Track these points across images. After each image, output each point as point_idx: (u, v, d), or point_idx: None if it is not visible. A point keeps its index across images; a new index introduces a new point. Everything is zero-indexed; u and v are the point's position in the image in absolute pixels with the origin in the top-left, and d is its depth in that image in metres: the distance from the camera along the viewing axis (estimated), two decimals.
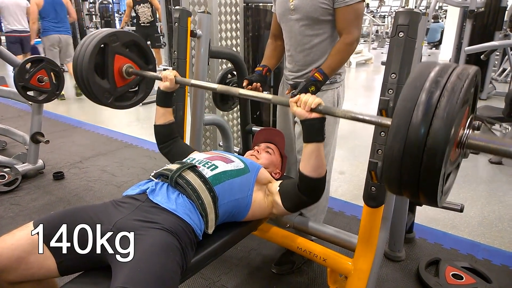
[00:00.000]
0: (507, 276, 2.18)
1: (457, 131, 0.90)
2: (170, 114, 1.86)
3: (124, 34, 1.97)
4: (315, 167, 1.46)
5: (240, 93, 1.58)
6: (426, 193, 0.94)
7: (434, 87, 0.88)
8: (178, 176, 1.46)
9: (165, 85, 1.78)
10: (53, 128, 5.01)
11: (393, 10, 17.31)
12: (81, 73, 1.86)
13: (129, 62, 1.99)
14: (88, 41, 1.87)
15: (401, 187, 0.96)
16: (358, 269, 1.69)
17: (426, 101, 0.87)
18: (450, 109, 0.84)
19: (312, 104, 1.35)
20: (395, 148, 0.91)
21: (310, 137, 1.43)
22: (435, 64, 0.96)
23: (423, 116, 0.86)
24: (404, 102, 0.91)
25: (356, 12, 1.80)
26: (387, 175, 0.97)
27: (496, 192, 3.24)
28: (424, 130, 0.86)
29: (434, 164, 0.87)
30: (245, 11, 3.12)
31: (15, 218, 2.75)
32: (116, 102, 2.04)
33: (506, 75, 7.93)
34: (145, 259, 1.17)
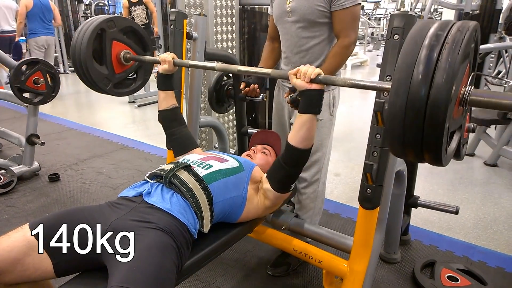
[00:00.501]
0: (502, 278, 2.19)
1: (459, 87, 0.88)
2: (172, 98, 1.87)
3: (121, 20, 1.96)
4: (305, 138, 1.48)
5: (239, 69, 1.60)
6: (430, 150, 0.92)
7: (435, 41, 0.87)
8: (172, 176, 1.46)
9: (164, 67, 1.79)
10: (49, 130, 5.00)
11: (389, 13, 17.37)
12: (79, 59, 1.85)
13: (126, 48, 1.99)
14: (85, 27, 1.85)
15: (405, 146, 0.94)
16: (353, 271, 1.69)
17: (427, 54, 0.86)
18: (452, 61, 0.83)
19: (312, 74, 1.36)
20: (397, 104, 0.89)
21: (307, 108, 1.44)
22: (434, 21, 0.95)
23: (425, 70, 0.85)
24: (405, 57, 0.90)
25: (353, 15, 1.81)
26: (390, 134, 0.95)
27: (491, 194, 3.25)
28: (426, 84, 0.85)
29: (438, 118, 0.85)
30: (240, 14, 3.13)
31: (11, 220, 2.74)
32: (115, 89, 2.03)
33: (501, 77, 7.96)
34: (142, 258, 1.17)
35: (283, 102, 2.13)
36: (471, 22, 0.91)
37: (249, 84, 1.98)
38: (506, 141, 3.72)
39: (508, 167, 3.81)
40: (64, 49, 9.35)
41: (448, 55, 0.84)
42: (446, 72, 0.83)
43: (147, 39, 2.09)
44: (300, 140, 1.48)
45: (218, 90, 2.59)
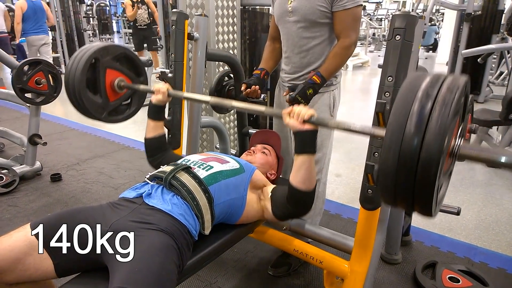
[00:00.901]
0: (504, 279, 2.19)
1: (449, 142, 0.91)
2: (161, 127, 1.84)
3: (114, 47, 1.94)
4: (304, 178, 1.45)
5: (233, 105, 1.58)
6: (421, 205, 0.94)
7: (425, 99, 0.89)
8: (172, 178, 1.46)
9: (158, 98, 1.77)
10: (51, 130, 5.01)
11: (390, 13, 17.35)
12: (73, 89, 1.85)
13: (120, 75, 1.97)
14: (78, 56, 1.85)
15: (396, 199, 0.97)
16: (354, 272, 1.69)
17: (418, 113, 0.88)
18: (443, 122, 0.85)
19: (305, 115, 1.35)
20: (390, 160, 0.91)
21: (302, 149, 1.42)
22: (425, 75, 0.97)
23: (416, 129, 0.87)
24: (396, 114, 0.92)
25: (354, 16, 1.81)
26: (382, 186, 0.97)
27: (493, 195, 3.24)
28: (418, 143, 0.87)
29: (429, 177, 0.87)
30: (242, 14, 3.13)
31: (13, 220, 2.75)
32: (110, 117, 2.02)
33: (503, 78, 7.95)
34: (143, 259, 1.17)
35: (284, 102, 2.13)
36: (461, 78, 0.93)
37: (250, 86, 1.98)
38: (508, 142, 3.71)
39: None
40: (66, 49, 9.35)
41: (438, 115, 0.86)
42: (437, 133, 0.85)
43: (140, 64, 2.09)
44: (300, 180, 1.46)
45: (219, 90, 2.59)
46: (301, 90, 1.78)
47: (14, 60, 3.18)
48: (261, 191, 1.69)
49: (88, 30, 10.33)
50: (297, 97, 1.77)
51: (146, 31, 7.68)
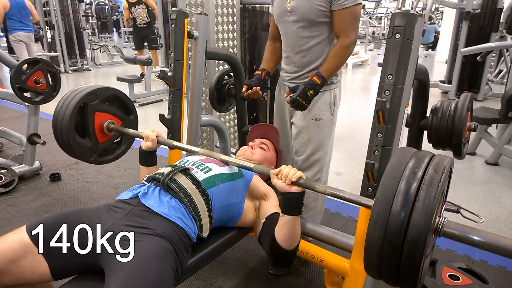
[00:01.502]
0: (503, 276, 2.19)
1: (434, 221, 0.92)
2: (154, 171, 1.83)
3: (103, 90, 1.94)
4: (287, 237, 1.44)
5: (222, 159, 1.59)
6: (406, 282, 0.95)
7: (412, 179, 0.91)
8: (169, 180, 1.45)
9: (147, 145, 1.77)
10: (50, 130, 4.93)
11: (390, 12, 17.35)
12: (61, 134, 1.85)
13: (110, 117, 1.98)
14: (67, 101, 1.85)
15: (381, 274, 0.98)
16: (355, 270, 1.69)
17: (405, 192, 0.90)
18: (429, 203, 0.87)
19: (293, 177, 1.33)
20: (375, 236, 0.92)
21: (288, 210, 1.40)
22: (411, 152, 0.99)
23: (403, 207, 0.89)
24: (384, 191, 0.94)
25: (353, 15, 1.81)
26: (367, 260, 0.98)
27: (493, 193, 3.25)
28: (404, 221, 0.88)
29: (415, 257, 0.88)
30: (241, 13, 3.13)
31: (12, 220, 2.74)
32: (99, 158, 2.03)
33: (502, 76, 7.96)
34: (139, 265, 1.17)
35: (284, 101, 2.13)
36: (447, 159, 0.96)
37: (251, 87, 1.98)
38: (507, 140, 3.72)
39: (509, 166, 3.81)
40: (65, 48, 9.33)
41: (425, 196, 0.88)
42: (424, 213, 0.87)
43: (130, 103, 2.08)
44: (283, 238, 1.44)
45: (219, 89, 2.59)
46: (302, 91, 1.78)
47: (12, 59, 3.18)
48: (259, 204, 1.67)
49: (87, 29, 10.32)
50: (298, 98, 1.77)
51: (145, 30, 7.68)
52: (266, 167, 1.86)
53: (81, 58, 9.79)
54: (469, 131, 2.06)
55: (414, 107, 2.14)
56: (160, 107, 6.33)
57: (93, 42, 10.77)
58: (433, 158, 0.96)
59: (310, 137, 2.03)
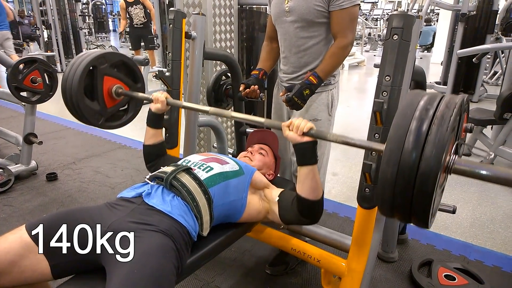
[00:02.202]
0: (499, 277, 2.21)
1: (446, 158, 0.93)
2: (160, 135, 1.85)
3: (112, 55, 1.95)
4: (312, 189, 1.47)
5: (233, 115, 1.59)
6: (419, 217, 0.98)
7: (424, 115, 0.92)
8: (173, 179, 1.46)
9: (157, 107, 1.77)
10: (46, 129, 4.99)
11: (386, 13, 17.41)
12: (70, 96, 1.84)
13: (118, 82, 1.98)
14: (76, 63, 1.84)
15: (394, 210, 1.00)
16: (351, 270, 1.70)
17: (417, 128, 0.91)
18: (441, 136, 0.88)
19: (304, 128, 1.36)
20: (389, 172, 0.94)
21: (304, 161, 1.43)
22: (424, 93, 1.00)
23: (415, 143, 0.90)
24: (396, 129, 0.95)
25: (351, 16, 1.81)
26: (380, 198, 1.00)
27: (488, 193, 3.27)
28: (416, 156, 0.90)
29: (427, 189, 0.90)
30: (239, 13, 3.13)
31: (8, 219, 2.74)
32: (107, 123, 2.02)
33: (497, 78, 8.00)
34: (141, 261, 1.17)
35: (282, 102, 2.14)
36: (459, 96, 0.97)
37: (249, 86, 1.98)
38: (503, 141, 3.74)
39: (504, 167, 3.82)
40: (62, 48, 9.31)
41: (437, 130, 0.89)
42: (436, 147, 0.88)
43: (137, 71, 2.08)
44: (308, 191, 1.47)
45: (217, 89, 2.59)
46: (298, 90, 1.78)
47: (9, 59, 3.17)
48: (263, 193, 1.69)
49: (84, 28, 10.29)
50: (294, 97, 1.77)
51: (142, 30, 7.67)
52: (265, 172, 1.87)
53: None
54: (465, 132, 2.08)
55: None
56: None
57: (90, 42, 10.75)
58: (444, 97, 0.98)
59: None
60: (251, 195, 1.64)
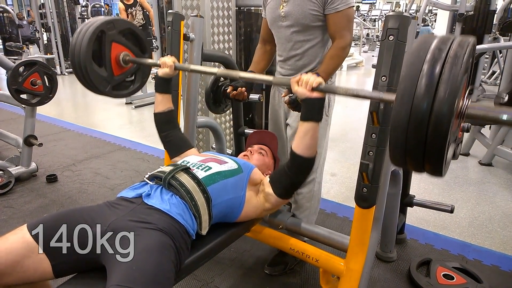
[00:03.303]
0: (497, 276, 2.21)
1: (459, 101, 0.90)
2: (169, 101, 1.86)
3: (120, 22, 1.94)
4: (309, 146, 1.50)
5: (241, 76, 1.60)
6: (432, 161, 0.93)
7: (437, 54, 0.89)
8: (171, 178, 1.47)
9: (164, 71, 1.78)
10: (46, 131, 5.00)
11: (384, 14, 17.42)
12: (78, 61, 1.83)
13: (125, 50, 1.97)
14: (85, 28, 1.83)
15: (406, 155, 0.95)
16: (350, 270, 1.71)
17: (431, 67, 0.87)
18: (455, 76, 0.85)
19: (314, 83, 1.38)
20: (402, 113, 0.90)
21: (310, 116, 1.46)
22: (435, 35, 0.97)
23: (429, 83, 0.86)
24: (409, 68, 0.91)
25: (347, 17, 1.83)
26: (393, 142, 0.96)
27: (486, 193, 3.28)
28: (430, 97, 0.86)
29: (441, 131, 0.86)
30: (237, 15, 3.15)
31: (8, 221, 2.75)
32: (114, 91, 2.01)
33: (496, 77, 8.01)
34: (141, 258, 1.18)
35: (279, 103, 2.15)
36: (471, 37, 0.93)
37: (236, 88, 2.00)
38: (501, 140, 3.76)
39: (502, 167, 3.85)
40: (61, 50, 9.32)
41: (451, 69, 0.86)
42: (450, 87, 0.85)
43: (145, 41, 2.09)
44: (305, 148, 1.50)
45: (215, 90, 2.59)
46: None
47: (9, 61, 3.18)
48: (260, 185, 1.71)
49: None
50: (297, 99, 1.78)
51: None
52: (263, 172, 1.88)
53: None
54: (462, 131, 2.09)
55: None
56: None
57: None
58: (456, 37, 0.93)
59: None
60: (249, 192, 1.66)
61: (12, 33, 10.93)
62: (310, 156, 1.52)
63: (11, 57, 7.89)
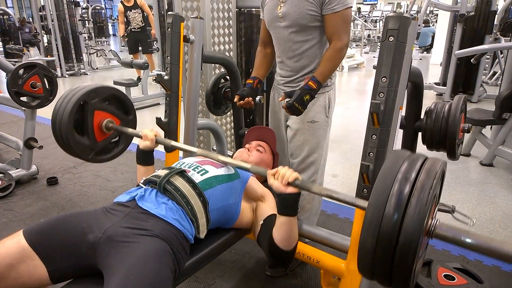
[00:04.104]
0: (498, 276, 2.21)
1: (427, 223, 0.92)
2: (152, 171, 1.82)
3: (103, 89, 1.95)
4: (285, 238, 1.45)
5: (219, 159, 1.58)
6: (399, 284, 0.96)
7: (403, 184, 0.91)
8: (166, 182, 1.46)
9: (145, 144, 1.78)
10: (47, 134, 4.98)
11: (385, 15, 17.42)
12: (60, 131, 1.85)
13: (109, 116, 1.98)
14: (67, 98, 1.85)
15: (374, 276, 0.99)
16: (351, 271, 1.70)
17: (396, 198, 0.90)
18: (421, 208, 0.87)
19: (290, 178, 1.34)
20: (368, 240, 0.93)
21: (284, 211, 1.43)
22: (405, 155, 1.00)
23: (394, 213, 0.89)
24: (376, 196, 0.94)
25: (345, 18, 1.82)
26: (360, 263, 0.99)
27: (487, 193, 3.27)
28: (396, 226, 0.89)
29: (407, 260, 0.89)
30: (237, 16, 3.15)
31: (9, 224, 2.75)
32: (97, 157, 2.02)
33: (497, 78, 8.01)
34: (138, 266, 1.17)
35: (279, 105, 2.15)
36: (439, 162, 0.96)
37: (243, 98, 2.00)
38: (502, 141, 3.75)
39: (503, 167, 3.84)
40: (62, 52, 9.33)
41: (417, 202, 0.88)
42: (415, 220, 0.87)
43: (129, 103, 2.09)
44: (281, 239, 1.46)
45: (216, 92, 2.60)
46: (298, 96, 1.78)
47: (9, 64, 3.18)
48: (256, 206, 1.69)
49: (83, 33, 10.32)
50: (295, 103, 1.78)
51: (140, 34, 7.71)
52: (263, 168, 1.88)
53: (77, 62, 9.79)
54: (463, 132, 2.09)
55: (409, 109, 2.16)
56: (157, 111, 6.34)
57: (90, 46, 10.76)
58: (425, 161, 0.97)
59: (305, 140, 2.04)
60: (244, 203, 1.65)
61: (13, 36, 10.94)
62: (286, 249, 1.47)
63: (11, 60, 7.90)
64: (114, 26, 20.23)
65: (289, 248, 1.48)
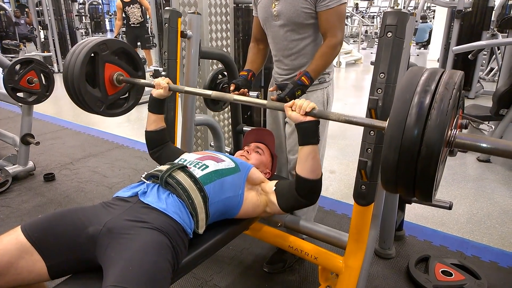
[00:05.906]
0: (495, 272, 2.22)
1: (447, 134, 0.94)
2: (161, 121, 1.86)
3: (113, 42, 1.97)
4: (313, 169, 1.50)
5: (235, 99, 1.61)
6: (422, 191, 0.98)
7: (423, 97, 0.93)
8: (168, 176, 1.47)
9: (159, 92, 1.78)
10: (43, 130, 4.99)
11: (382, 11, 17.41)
12: (72, 82, 1.85)
13: (119, 69, 1.99)
14: (78, 50, 1.85)
15: (398, 186, 1.01)
16: (349, 267, 1.71)
17: (417, 111, 0.92)
18: (441, 120, 0.89)
19: (307, 108, 1.39)
20: (392, 151, 0.95)
21: (306, 140, 1.46)
22: (422, 70, 1.00)
23: (415, 126, 0.91)
24: (396, 111, 0.96)
25: (339, 15, 1.81)
26: (384, 174, 1.01)
27: (485, 189, 3.28)
28: (418, 139, 0.90)
29: (430, 166, 0.91)
30: (235, 12, 3.14)
31: (6, 220, 2.74)
32: (108, 110, 2.04)
33: (494, 74, 8.02)
34: (137, 258, 1.17)
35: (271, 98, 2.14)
36: (457, 73, 0.97)
37: (239, 87, 1.99)
38: (499, 137, 3.76)
39: (500, 163, 3.85)
40: (58, 48, 9.29)
41: (437, 114, 0.90)
42: (436, 131, 0.89)
43: (138, 59, 2.09)
44: (309, 171, 1.50)
45: (213, 88, 2.59)
46: (290, 91, 1.77)
47: (5, 59, 3.16)
48: (260, 187, 1.71)
49: (80, 28, 10.27)
50: (286, 97, 1.77)
51: (138, 29, 7.67)
52: (262, 171, 1.87)
53: None
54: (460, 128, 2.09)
55: None
56: None
57: None
58: (443, 74, 0.98)
59: None
60: (248, 191, 1.65)
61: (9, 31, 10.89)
62: (316, 178, 1.53)
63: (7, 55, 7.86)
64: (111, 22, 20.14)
65: (319, 176, 1.54)
